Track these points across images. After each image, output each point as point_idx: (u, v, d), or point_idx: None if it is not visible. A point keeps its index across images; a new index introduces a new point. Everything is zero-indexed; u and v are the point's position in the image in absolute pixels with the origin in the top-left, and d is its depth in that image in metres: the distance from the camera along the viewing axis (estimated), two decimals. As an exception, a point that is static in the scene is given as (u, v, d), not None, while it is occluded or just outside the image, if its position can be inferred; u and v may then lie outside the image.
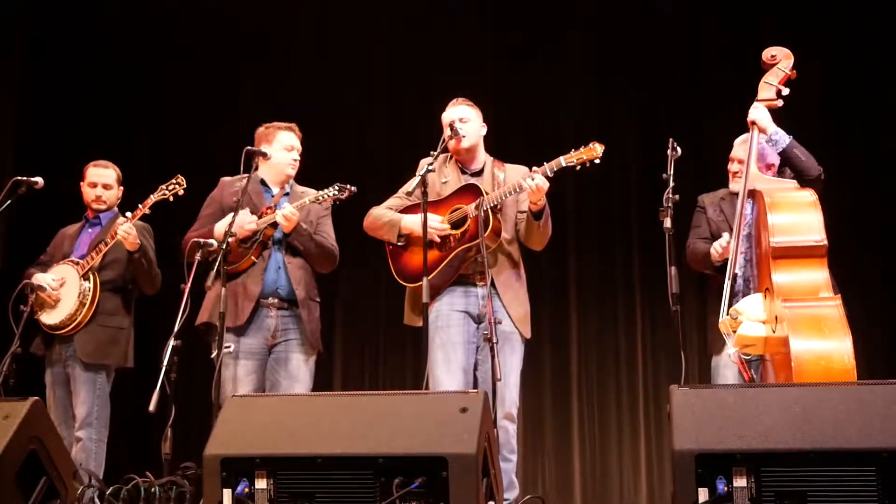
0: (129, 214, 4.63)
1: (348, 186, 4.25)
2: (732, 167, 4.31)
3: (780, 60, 4.09)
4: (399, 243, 4.29)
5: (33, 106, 6.60)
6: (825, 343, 3.40)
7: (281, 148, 4.46)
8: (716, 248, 4.13)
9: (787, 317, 3.44)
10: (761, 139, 4.00)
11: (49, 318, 4.68)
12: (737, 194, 4.08)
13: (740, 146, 4.29)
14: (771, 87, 4.08)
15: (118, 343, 4.73)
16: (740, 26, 6.19)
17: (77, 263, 4.72)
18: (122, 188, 4.95)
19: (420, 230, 4.09)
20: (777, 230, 3.69)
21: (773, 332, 3.57)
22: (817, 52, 5.63)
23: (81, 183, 4.95)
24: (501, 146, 4.74)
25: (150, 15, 6.73)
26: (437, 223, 4.14)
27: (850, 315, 3.49)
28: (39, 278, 4.67)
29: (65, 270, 4.73)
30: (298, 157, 4.50)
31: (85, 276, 4.66)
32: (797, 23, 6.00)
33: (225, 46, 6.76)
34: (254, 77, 6.81)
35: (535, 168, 4.08)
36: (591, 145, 4.07)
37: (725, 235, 4.16)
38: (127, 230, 4.55)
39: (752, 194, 3.91)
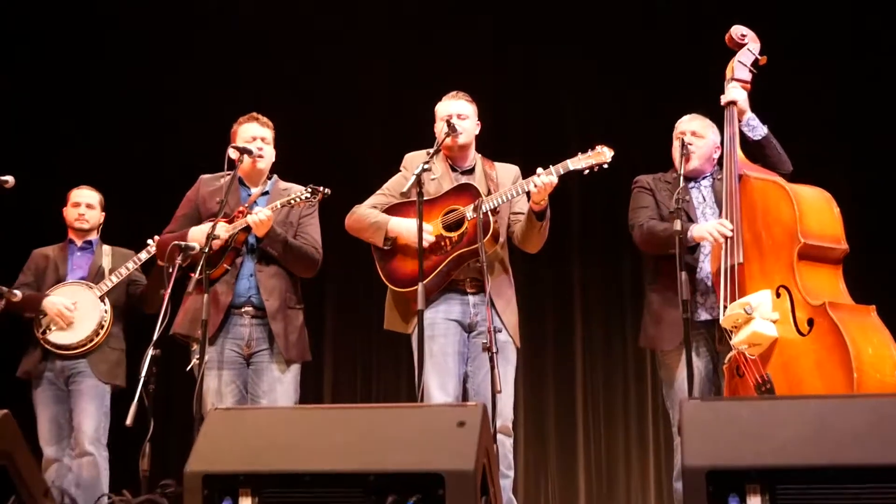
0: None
1: (321, 188, 4.20)
2: (680, 144, 4.15)
3: (749, 42, 4.15)
4: (385, 247, 4.29)
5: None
6: (878, 353, 3.48)
7: (243, 142, 4.40)
8: (717, 230, 3.94)
9: (840, 323, 3.49)
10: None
11: (61, 338, 4.98)
12: (689, 178, 4.15)
13: (694, 121, 4.30)
14: (744, 67, 4.14)
15: (122, 364, 5.11)
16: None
17: (90, 287, 5.05)
18: (104, 213, 5.29)
19: (409, 236, 4.13)
20: (809, 230, 3.73)
21: (800, 333, 3.60)
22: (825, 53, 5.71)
23: (63, 208, 5.31)
24: (500, 146, 4.75)
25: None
26: (427, 234, 4.12)
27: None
28: (55, 302, 4.97)
29: (77, 292, 5.03)
30: (264, 147, 4.41)
31: (102, 299, 5.05)
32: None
33: (222, 45, 6.80)
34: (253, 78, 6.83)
35: (540, 170, 4.07)
36: (599, 149, 4.08)
37: (711, 220, 4.10)
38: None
39: (739, 180, 3.94)
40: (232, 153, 4.35)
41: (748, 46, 4.20)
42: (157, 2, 6.77)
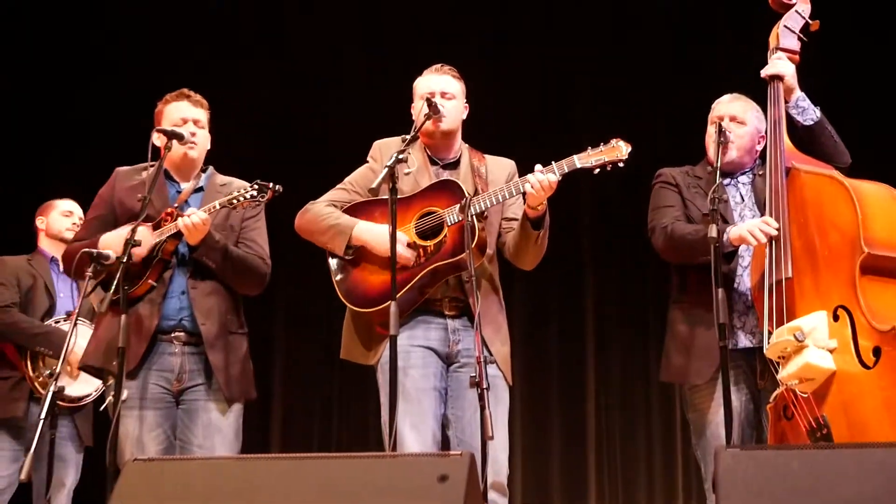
0: None
1: (270, 185, 4.13)
2: (717, 130, 4.13)
3: (798, 3, 4.16)
4: (347, 256, 4.25)
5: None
6: None
7: (170, 125, 4.33)
8: (760, 228, 3.90)
9: None
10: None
11: (73, 388, 5.03)
12: (725, 174, 4.11)
13: (735, 103, 4.29)
14: (791, 33, 4.14)
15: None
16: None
17: (85, 324, 4.97)
18: None
19: (380, 246, 4.09)
20: (875, 237, 3.71)
21: (863, 366, 3.58)
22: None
23: (42, 217, 5.49)
24: (497, 137, 4.75)
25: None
26: (403, 247, 4.08)
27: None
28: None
29: (82, 332, 4.72)
30: (197, 131, 4.36)
31: None
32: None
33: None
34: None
35: (539, 167, 4.03)
36: (613, 143, 4.04)
37: (751, 219, 4.09)
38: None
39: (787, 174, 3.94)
40: (156, 139, 4.28)
41: (796, 8, 4.20)
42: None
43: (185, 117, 4.36)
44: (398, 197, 4.00)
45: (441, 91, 4.30)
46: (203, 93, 4.47)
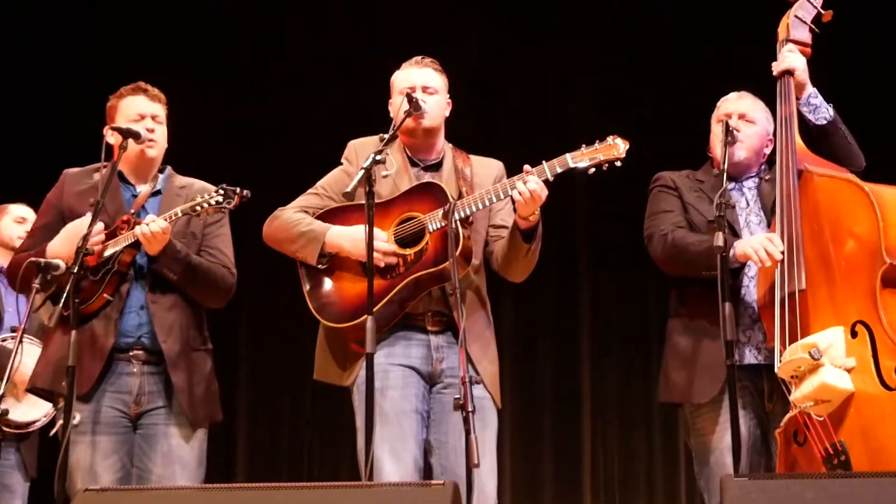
0: None
1: (237, 190, 4.13)
2: (724, 129, 4.12)
3: None
4: (320, 266, 4.24)
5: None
6: None
7: (125, 121, 4.32)
8: (764, 247, 3.89)
9: None
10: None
11: (19, 413, 4.98)
12: (731, 178, 4.09)
13: (744, 101, 4.33)
14: (803, 24, 4.15)
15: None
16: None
17: (33, 342, 4.89)
18: None
19: (356, 250, 4.09)
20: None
21: (885, 387, 3.59)
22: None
23: None
24: (484, 135, 4.77)
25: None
26: (384, 242, 4.11)
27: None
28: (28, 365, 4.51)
29: (30, 352, 4.66)
30: (156, 128, 4.35)
31: None
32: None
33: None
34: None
35: (528, 168, 4.04)
36: (610, 140, 4.06)
37: (759, 232, 4.10)
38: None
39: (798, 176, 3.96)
40: (110, 137, 4.29)
41: None
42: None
43: (143, 113, 4.35)
44: (376, 202, 3.98)
45: (422, 85, 4.31)
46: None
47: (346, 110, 6.61)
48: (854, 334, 3.71)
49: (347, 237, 4.18)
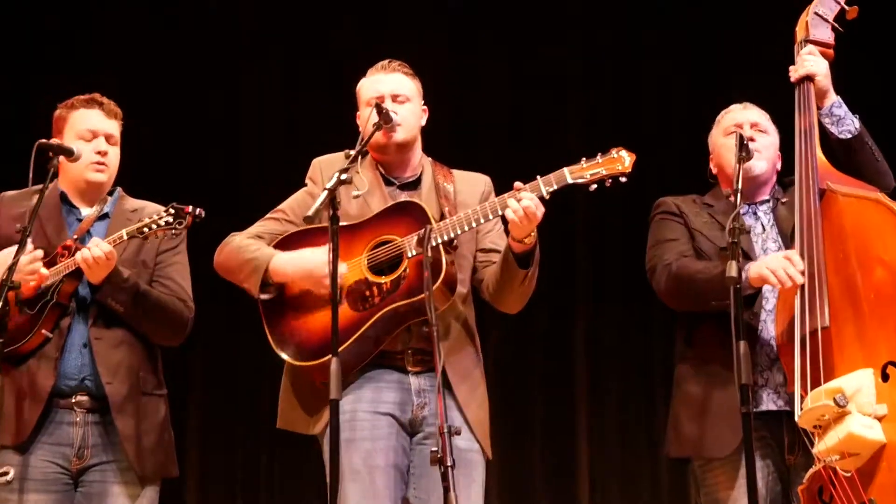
0: None
1: (189, 209, 4.13)
2: (738, 141, 4.01)
3: None
4: (264, 296, 4.20)
5: None
6: None
7: (75, 136, 4.32)
8: (784, 269, 3.85)
9: None
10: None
11: None
12: (745, 201, 4.11)
13: (752, 110, 4.34)
14: (824, 22, 4.16)
15: None
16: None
17: None
18: None
19: (302, 278, 4.07)
20: None
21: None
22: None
23: None
24: (467, 146, 4.74)
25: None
26: (340, 276, 3.98)
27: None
28: None
29: None
30: (108, 150, 4.35)
31: None
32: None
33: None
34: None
35: (519, 184, 4.00)
36: (613, 153, 4.02)
37: (774, 253, 4.08)
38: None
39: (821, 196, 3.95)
40: (48, 149, 4.18)
41: None
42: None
43: (96, 130, 4.35)
44: (344, 224, 3.95)
45: (391, 93, 4.29)
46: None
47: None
48: (885, 377, 3.72)
49: (292, 263, 4.14)
